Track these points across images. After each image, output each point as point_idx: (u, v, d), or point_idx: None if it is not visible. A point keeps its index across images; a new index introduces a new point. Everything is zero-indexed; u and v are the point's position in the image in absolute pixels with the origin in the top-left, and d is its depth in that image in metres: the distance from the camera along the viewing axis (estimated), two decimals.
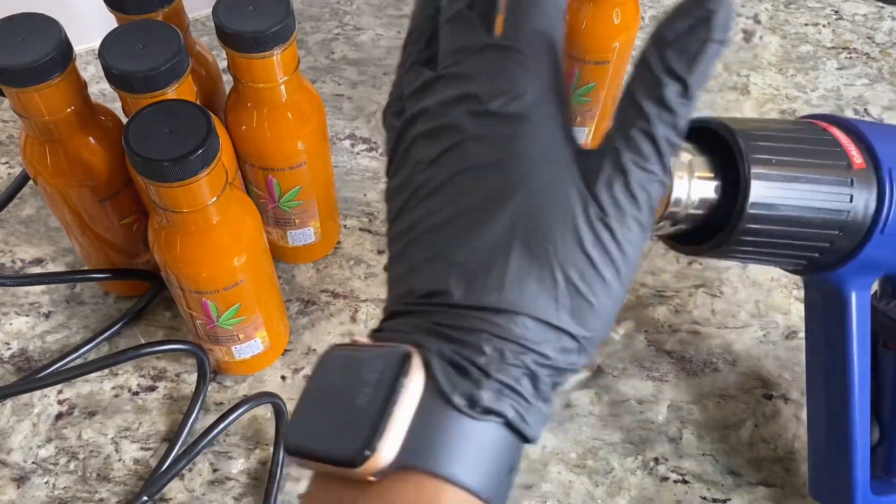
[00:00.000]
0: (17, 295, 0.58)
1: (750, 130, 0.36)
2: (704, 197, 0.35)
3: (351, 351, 0.26)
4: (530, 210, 0.26)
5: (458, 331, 0.26)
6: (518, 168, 0.26)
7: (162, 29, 0.43)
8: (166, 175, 0.39)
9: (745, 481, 0.51)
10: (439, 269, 0.27)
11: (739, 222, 0.35)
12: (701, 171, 0.35)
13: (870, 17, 0.78)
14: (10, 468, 0.51)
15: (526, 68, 0.27)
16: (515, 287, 0.26)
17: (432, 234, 0.27)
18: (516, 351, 0.26)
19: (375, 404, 0.24)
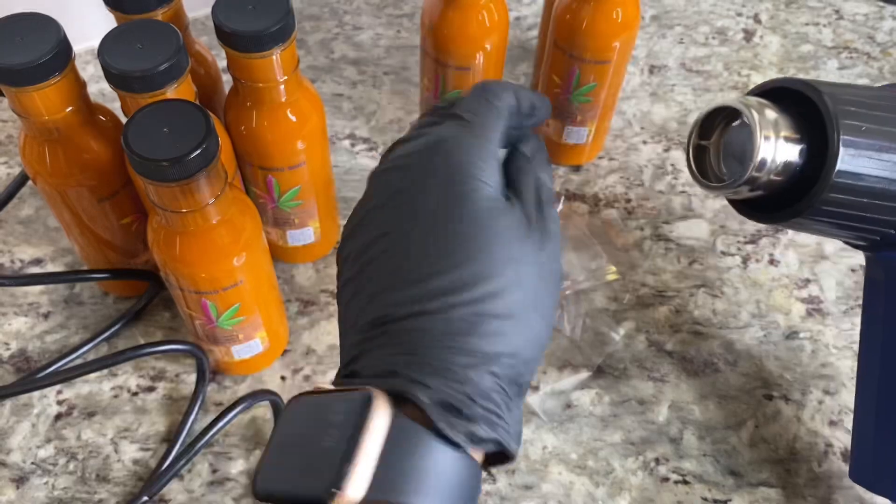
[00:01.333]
0: (15, 295, 0.58)
1: (839, 94, 0.34)
2: (789, 160, 0.34)
3: (316, 397, 0.28)
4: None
5: (431, 358, 0.28)
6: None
7: (161, 28, 0.43)
8: (165, 175, 0.39)
9: (745, 482, 0.51)
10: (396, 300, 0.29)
11: (823, 191, 0.33)
12: (787, 132, 0.34)
13: (870, 16, 0.78)
14: (9, 469, 0.51)
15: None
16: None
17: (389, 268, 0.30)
18: (490, 371, 0.28)
19: (341, 444, 0.25)
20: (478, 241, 0.29)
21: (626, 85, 0.72)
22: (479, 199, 0.30)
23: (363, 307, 0.30)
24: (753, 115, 0.34)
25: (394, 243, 0.30)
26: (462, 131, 0.32)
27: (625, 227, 0.62)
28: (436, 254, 0.29)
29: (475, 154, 0.31)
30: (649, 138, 0.68)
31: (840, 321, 0.58)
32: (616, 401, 0.54)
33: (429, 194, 0.30)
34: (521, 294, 0.29)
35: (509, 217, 0.30)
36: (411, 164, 0.31)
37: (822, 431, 0.53)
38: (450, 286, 0.28)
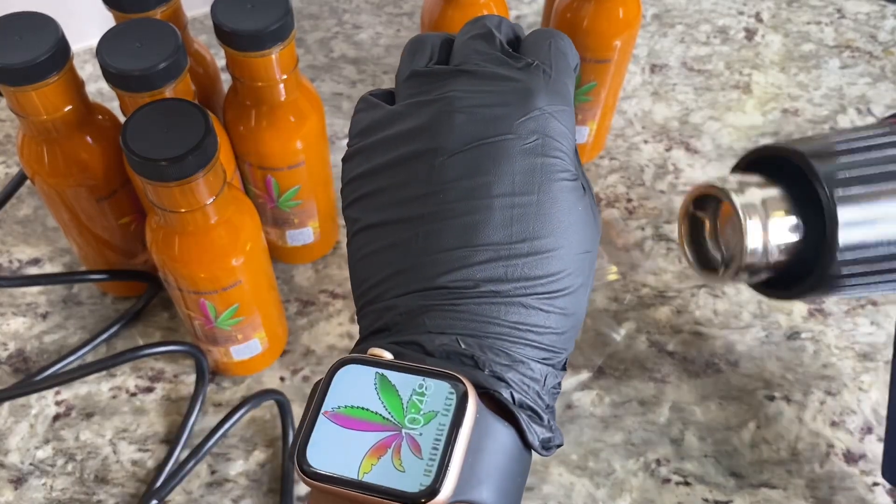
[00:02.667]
0: (14, 295, 0.58)
1: (825, 150, 0.31)
2: (786, 242, 0.31)
3: (380, 369, 0.25)
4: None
5: (506, 347, 0.26)
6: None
7: (160, 27, 0.42)
8: (164, 175, 0.39)
9: (747, 483, 0.51)
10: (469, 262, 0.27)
11: (829, 269, 0.31)
12: (777, 210, 0.31)
13: (872, 15, 0.78)
14: (7, 470, 0.50)
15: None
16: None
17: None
18: (552, 365, 0.27)
19: (438, 441, 0.23)
20: (563, 227, 0.27)
21: (627, 84, 0.71)
22: (567, 178, 0.28)
23: (417, 265, 0.27)
24: (736, 202, 0.32)
25: (464, 204, 0.27)
26: (551, 90, 0.28)
27: (626, 226, 0.62)
28: (519, 231, 0.27)
29: (566, 122, 0.28)
30: (650, 138, 0.68)
31: (842, 321, 0.57)
32: (617, 401, 0.54)
33: (515, 157, 0.27)
34: (583, 290, 0.28)
35: (586, 204, 0.28)
36: (491, 114, 0.28)
37: (823, 432, 0.53)
38: (530, 271, 0.26)
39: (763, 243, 0.31)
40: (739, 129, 0.69)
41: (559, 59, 0.30)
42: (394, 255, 0.27)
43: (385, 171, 0.28)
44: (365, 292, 0.28)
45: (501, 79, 0.28)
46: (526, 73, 0.29)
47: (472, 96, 0.28)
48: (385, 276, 0.28)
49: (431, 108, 0.28)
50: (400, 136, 0.28)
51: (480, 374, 0.26)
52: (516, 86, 0.28)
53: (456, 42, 0.31)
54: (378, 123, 0.29)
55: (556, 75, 0.29)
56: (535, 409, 0.26)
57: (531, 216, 0.27)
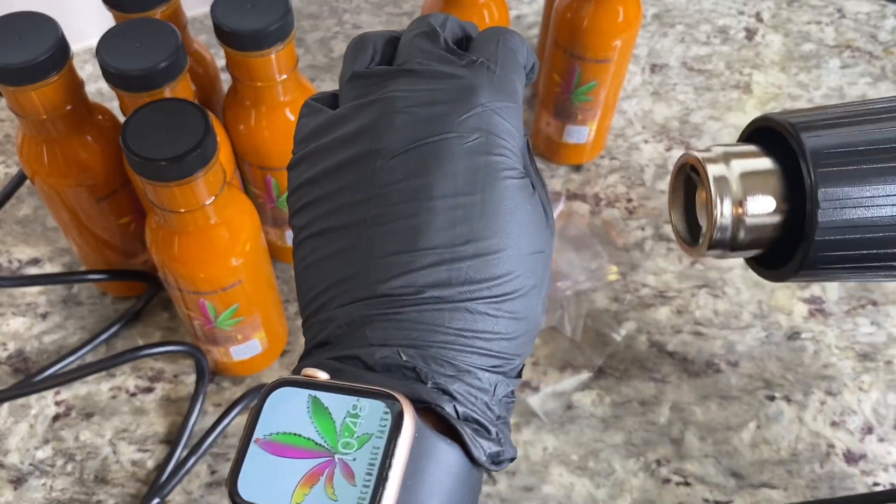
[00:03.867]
0: (13, 295, 0.58)
1: (822, 121, 0.29)
2: (763, 218, 0.30)
3: (313, 391, 0.23)
4: None
5: (451, 357, 0.25)
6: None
7: (160, 27, 0.42)
8: (163, 174, 0.39)
9: (747, 483, 0.51)
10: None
11: (810, 251, 0.29)
12: (758, 184, 0.30)
13: (872, 15, 0.78)
14: (7, 470, 0.50)
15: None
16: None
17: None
18: (504, 373, 0.26)
19: (372, 466, 0.22)
20: (510, 227, 0.26)
21: (628, 84, 0.71)
22: (513, 176, 0.27)
23: (360, 272, 0.26)
24: (708, 172, 0.30)
25: (406, 207, 0.26)
26: (495, 86, 0.27)
27: (626, 226, 0.62)
28: (463, 233, 0.25)
29: (511, 119, 0.27)
30: (651, 137, 0.68)
31: (842, 322, 0.57)
32: (617, 402, 0.54)
33: (457, 156, 0.26)
34: (536, 292, 0.27)
35: (535, 202, 0.27)
36: (432, 113, 0.27)
37: (823, 432, 0.53)
38: (476, 274, 0.25)
39: (733, 218, 0.29)
40: (740, 128, 0.68)
41: (506, 56, 0.29)
42: (336, 264, 0.26)
43: (328, 176, 0.27)
44: (308, 303, 0.27)
45: (444, 77, 0.27)
46: (469, 70, 0.28)
47: (413, 96, 0.27)
48: (328, 286, 0.26)
49: (372, 110, 0.27)
50: (341, 141, 0.27)
51: (422, 387, 0.24)
52: (458, 83, 0.27)
53: (401, 41, 0.30)
54: (321, 128, 0.28)
55: (502, 71, 0.28)
56: (482, 422, 0.25)
57: (475, 217, 0.26)
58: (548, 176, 0.65)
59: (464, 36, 0.31)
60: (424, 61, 0.28)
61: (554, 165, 0.66)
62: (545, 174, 0.65)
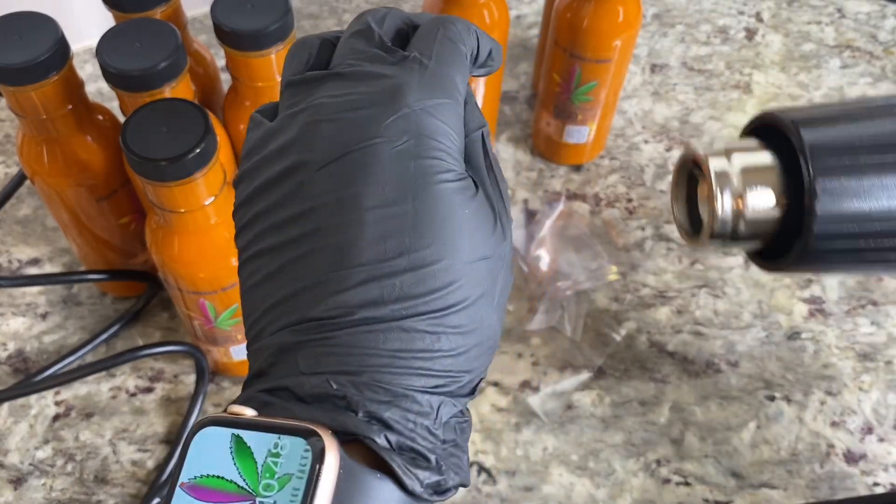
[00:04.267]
0: (13, 295, 0.58)
1: (821, 117, 0.30)
2: (762, 212, 0.30)
3: (236, 429, 0.22)
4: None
5: (386, 381, 0.23)
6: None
7: (160, 27, 0.42)
8: (163, 174, 0.39)
9: (747, 483, 0.51)
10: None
11: (809, 243, 0.29)
12: (757, 178, 0.30)
13: (872, 15, 0.78)
14: (7, 470, 0.50)
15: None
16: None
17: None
18: (450, 392, 0.25)
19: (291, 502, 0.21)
20: (446, 234, 0.24)
21: (628, 84, 0.71)
22: (449, 179, 0.25)
23: (290, 295, 0.24)
24: (710, 166, 0.30)
25: (333, 222, 0.24)
26: (426, 83, 0.25)
27: (626, 226, 0.62)
28: (394, 246, 0.24)
29: (445, 117, 0.25)
30: (651, 137, 0.68)
31: (842, 322, 0.57)
32: (617, 402, 0.54)
33: (385, 163, 0.24)
34: (485, 301, 0.25)
35: (478, 204, 0.25)
36: (357, 118, 0.25)
37: (823, 432, 0.53)
38: (410, 290, 0.23)
39: (733, 211, 0.30)
40: (740, 128, 0.68)
41: (444, 47, 0.26)
42: (271, 287, 0.25)
43: (263, 193, 0.26)
44: (248, 329, 0.26)
45: (372, 77, 0.26)
46: (398, 68, 0.26)
47: (340, 101, 0.25)
48: (263, 311, 0.25)
49: (299, 120, 0.26)
50: (273, 154, 0.26)
51: (351, 418, 0.23)
52: (385, 83, 0.25)
53: (338, 42, 0.28)
54: (259, 142, 0.27)
55: (437, 65, 0.26)
56: (419, 451, 0.24)
57: (407, 227, 0.24)
58: (548, 176, 0.65)
59: (409, 28, 0.28)
60: (355, 62, 0.26)
61: (554, 165, 0.66)
62: (545, 174, 0.65)
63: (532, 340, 0.56)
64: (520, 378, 0.54)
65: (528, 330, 0.56)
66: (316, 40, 0.28)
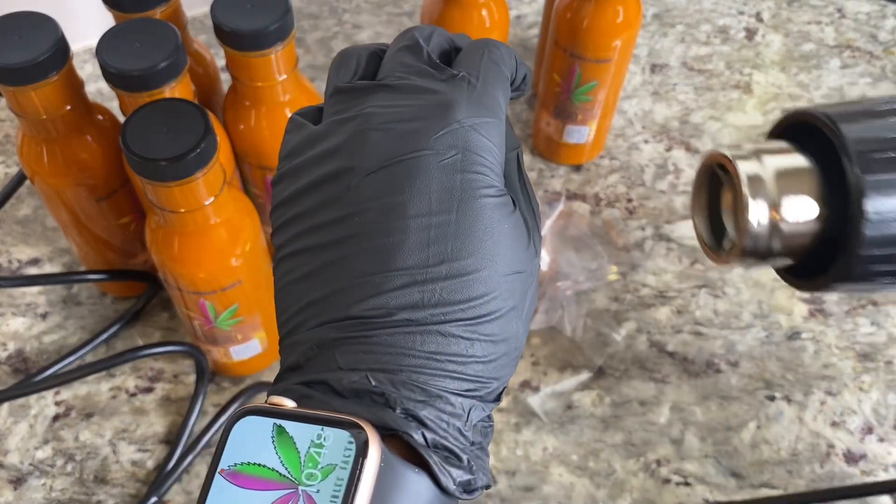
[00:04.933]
0: (13, 295, 0.58)
1: (866, 112, 0.26)
2: (801, 223, 0.26)
3: (278, 419, 0.23)
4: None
5: (422, 382, 0.24)
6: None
7: (159, 27, 0.42)
8: (163, 174, 0.39)
9: (747, 483, 0.51)
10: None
11: (853, 262, 0.25)
12: (794, 185, 0.26)
13: (873, 15, 0.78)
14: (7, 470, 0.50)
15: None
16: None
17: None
18: (479, 397, 0.26)
19: (336, 499, 0.21)
20: (486, 247, 0.25)
21: (628, 84, 0.71)
22: (491, 195, 0.26)
23: (331, 293, 0.25)
24: (740, 170, 0.27)
25: (379, 226, 0.25)
26: (474, 101, 0.27)
27: (626, 226, 0.62)
28: (437, 253, 0.25)
29: (491, 135, 0.26)
30: (651, 137, 0.68)
31: (842, 322, 0.57)
32: (617, 402, 0.54)
33: (432, 174, 0.25)
34: (515, 313, 0.26)
35: (515, 220, 0.27)
36: (407, 130, 0.26)
37: (823, 432, 0.53)
38: (449, 296, 0.25)
39: (769, 222, 0.26)
40: (740, 128, 0.69)
41: (489, 69, 0.28)
42: (309, 285, 0.26)
43: (305, 194, 0.27)
44: (283, 325, 0.27)
45: (422, 92, 0.27)
46: (448, 85, 0.27)
47: (390, 112, 0.26)
48: (300, 308, 0.26)
49: (349, 127, 0.27)
50: (319, 158, 0.27)
51: (390, 414, 0.24)
52: (435, 98, 0.26)
53: (385, 55, 0.30)
54: (301, 145, 0.28)
55: (483, 86, 0.27)
56: (453, 450, 0.24)
57: (449, 236, 0.25)
58: (548, 176, 0.65)
59: (451, 48, 0.30)
60: (404, 76, 0.27)
61: (554, 165, 0.66)
62: (545, 174, 0.65)
63: (532, 340, 0.56)
64: (520, 378, 0.54)
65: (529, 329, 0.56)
66: (364, 51, 0.30)
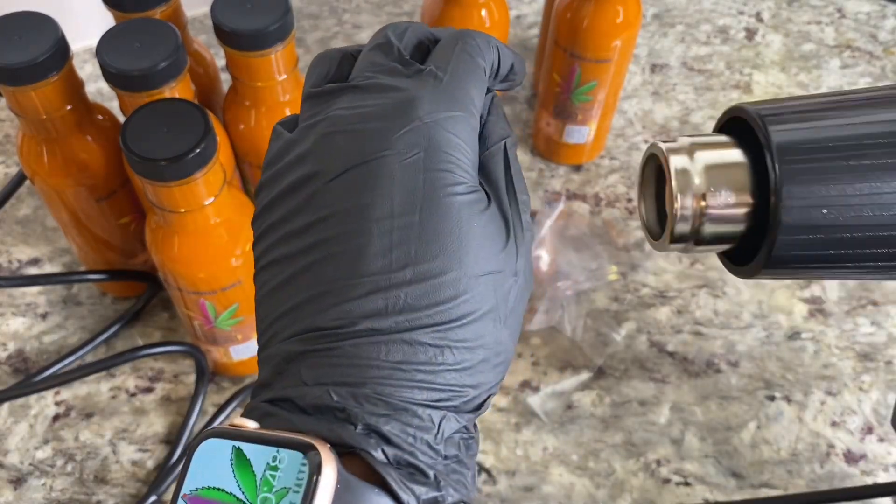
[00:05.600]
0: (13, 296, 0.58)
1: (796, 111, 0.28)
2: (726, 213, 0.28)
3: (237, 441, 0.22)
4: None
5: (386, 394, 0.23)
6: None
7: (160, 27, 0.42)
8: (163, 174, 0.39)
9: (747, 483, 0.51)
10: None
11: (773, 249, 0.27)
12: (723, 178, 0.28)
13: (872, 15, 0.78)
14: (7, 470, 0.50)
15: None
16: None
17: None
18: (454, 407, 0.24)
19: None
20: (453, 247, 0.24)
21: (628, 84, 0.71)
22: (458, 192, 0.25)
23: (298, 304, 0.25)
24: (670, 164, 0.29)
25: (343, 232, 0.24)
26: (439, 96, 0.25)
27: (626, 226, 0.62)
28: (400, 257, 0.24)
29: (457, 130, 0.25)
30: (651, 137, 0.68)
31: (842, 322, 0.57)
32: (617, 402, 0.54)
33: (394, 175, 0.24)
34: (493, 316, 0.25)
35: (488, 218, 0.25)
36: (369, 130, 0.25)
37: (823, 432, 0.53)
38: (415, 301, 0.23)
39: (694, 211, 0.28)
40: None
41: (461, 61, 0.26)
42: (281, 296, 0.25)
43: (279, 203, 0.26)
44: (259, 337, 0.26)
45: (387, 90, 0.26)
46: (413, 81, 0.26)
47: (355, 113, 0.26)
48: (273, 320, 0.25)
49: (316, 131, 0.26)
50: (291, 165, 0.26)
51: (350, 430, 0.23)
52: (399, 96, 0.25)
53: (359, 55, 0.29)
54: (279, 153, 0.27)
55: (451, 79, 0.26)
56: (418, 465, 0.23)
57: (413, 239, 0.24)
58: (548, 176, 0.65)
59: (430, 42, 0.29)
60: (371, 75, 0.26)
61: (554, 165, 0.66)
62: (545, 174, 0.65)
63: (532, 340, 0.56)
64: (520, 378, 0.54)
65: (528, 330, 0.56)
66: (337, 53, 0.29)
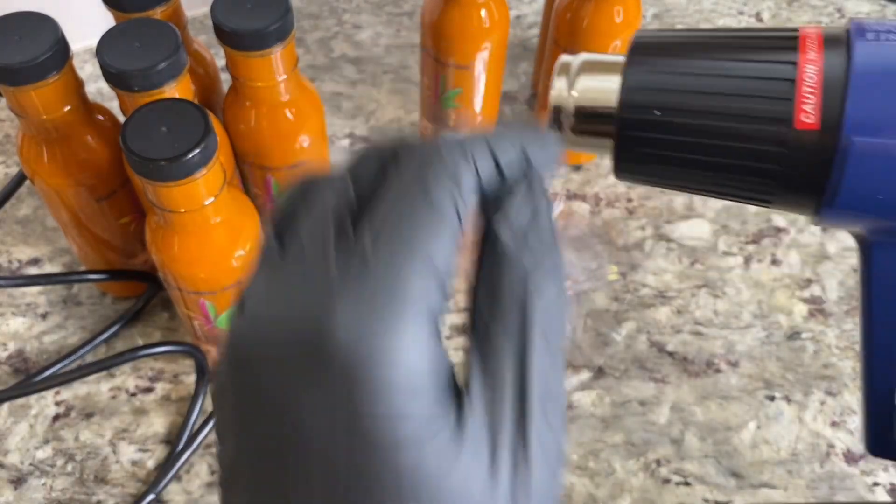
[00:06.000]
0: (13, 295, 0.58)
1: (663, 39, 0.31)
2: (592, 104, 0.31)
3: None
4: None
5: None
6: None
7: (160, 27, 0.42)
8: (163, 174, 0.39)
9: (747, 483, 0.51)
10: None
11: (622, 125, 0.30)
12: (594, 73, 0.31)
13: (872, 15, 0.78)
14: (7, 470, 0.50)
15: None
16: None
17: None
18: None
19: None
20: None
21: None
22: (398, 441, 0.18)
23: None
24: (559, 59, 0.32)
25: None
26: (361, 294, 0.18)
27: (626, 226, 0.62)
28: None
29: (390, 339, 0.18)
30: None
31: (842, 321, 0.57)
32: (617, 402, 0.54)
33: (313, 421, 0.18)
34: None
35: (446, 450, 0.18)
36: (285, 358, 0.19)
37: (823, 432, 0.53)
38: None
39: (565, 98, 0.31)
40: None
41: (393, 213, 0.20)
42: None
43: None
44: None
45: (306, 279, 0.20)
46: (341, 261, 0.20)
47: (256, 328, 0.21)
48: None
49: (231, 350, 0.22)
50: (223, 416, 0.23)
51: None
52: (310, 303, 0.19)
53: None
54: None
55: (384, 252, 0.19)
56: None
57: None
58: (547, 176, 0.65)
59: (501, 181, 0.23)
60: (307, 237, 0.21)
61: None
62: None
63: None
64: None
65: None
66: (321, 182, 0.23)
